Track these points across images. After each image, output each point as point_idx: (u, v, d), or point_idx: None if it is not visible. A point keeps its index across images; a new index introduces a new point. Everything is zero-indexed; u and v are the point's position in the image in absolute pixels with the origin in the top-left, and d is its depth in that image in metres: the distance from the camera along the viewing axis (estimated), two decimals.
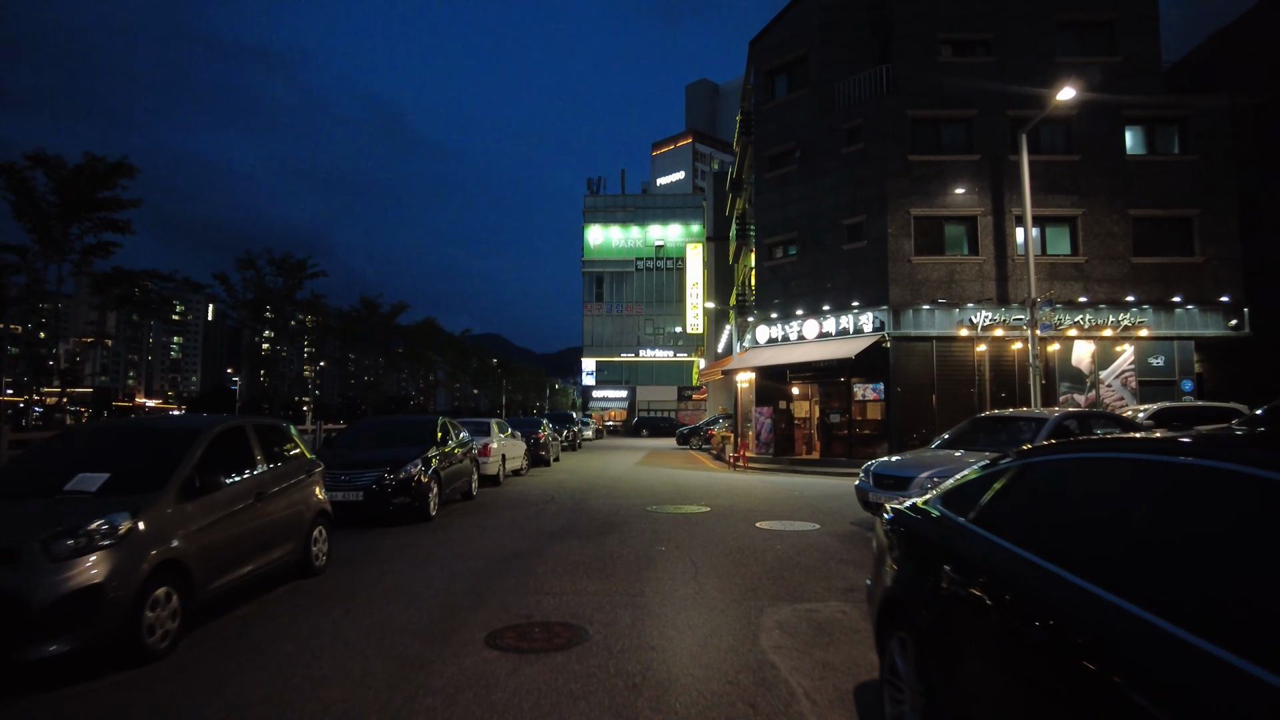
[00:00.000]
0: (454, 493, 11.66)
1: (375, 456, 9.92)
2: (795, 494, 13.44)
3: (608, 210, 68.29)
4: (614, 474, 18.38)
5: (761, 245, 23.18)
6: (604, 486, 14.96)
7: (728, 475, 18.41)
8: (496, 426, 15.84)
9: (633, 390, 66.51)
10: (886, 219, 20.06)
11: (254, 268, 19.77)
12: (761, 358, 21.85)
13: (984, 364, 19.68)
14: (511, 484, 15.54)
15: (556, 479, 16.80)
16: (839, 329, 20.72)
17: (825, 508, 11.30)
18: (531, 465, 20.20)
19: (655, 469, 20.28)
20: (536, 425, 21.03)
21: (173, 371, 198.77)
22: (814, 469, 19.56)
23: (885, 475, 8.73)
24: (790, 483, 16.09)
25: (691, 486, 15.02)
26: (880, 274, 20.05)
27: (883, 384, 19.75)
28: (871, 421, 20.41)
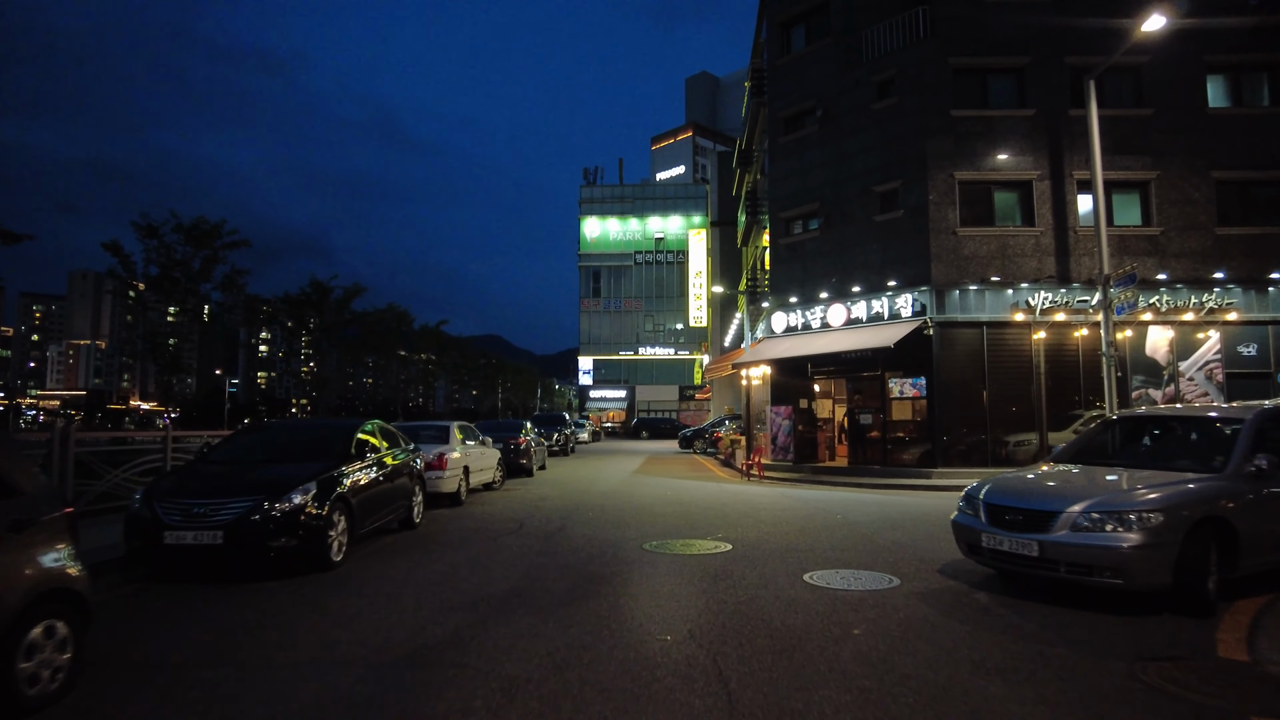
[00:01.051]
0: (386, 522, 8.66)
1: (250, 479, 6.91)
2: (835, 517, 10.41)
3: (605, 201, 65.28)
4: (606, 487, 15.36)
5: (777, 220, 20.16)
6: (591, 506, 11.94)
7: (742, 488, 15.38)
8: (458, 432, 12.84)
9: (632, 390, 63.50)
10: (926, 184, 17.05)
11: (157, 237, 16.71)
12: (778, 349, 18.83)
13: (1040, 354, 16.66)
14: (478, 503, 12.53)
15: (536, 495, 13.78)
16: (871, 314, 17.69)
17: (887, 542, 8.28)
18: (510, 476, 17.20)
19: (656, 479, 17.26)
20: (516, 429, 18.01)
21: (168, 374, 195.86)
22: (843, 480, 16.53)
23: (1009, 507, 5.71)
24: (821, 499, 13.06)
25: (701, 505, 11.99)
26: (920, 249, 17.03)
27: (924, 378, 16.73)
28: (910, 422, 17.39)
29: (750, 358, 19.13)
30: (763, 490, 14.83)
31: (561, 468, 21.30)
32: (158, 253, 16.42)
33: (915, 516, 10.44)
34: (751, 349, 20.06)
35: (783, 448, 19.05)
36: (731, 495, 13.73)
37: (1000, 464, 16.34)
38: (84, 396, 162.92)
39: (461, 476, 12.09)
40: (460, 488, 12.01)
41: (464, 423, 14.05)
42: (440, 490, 11.44)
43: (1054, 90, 17.15)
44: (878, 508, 11.64)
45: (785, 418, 19.08)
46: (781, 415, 19.20)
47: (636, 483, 16.46)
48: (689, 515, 10.65)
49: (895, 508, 11.61)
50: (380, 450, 8.68)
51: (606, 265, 64.28)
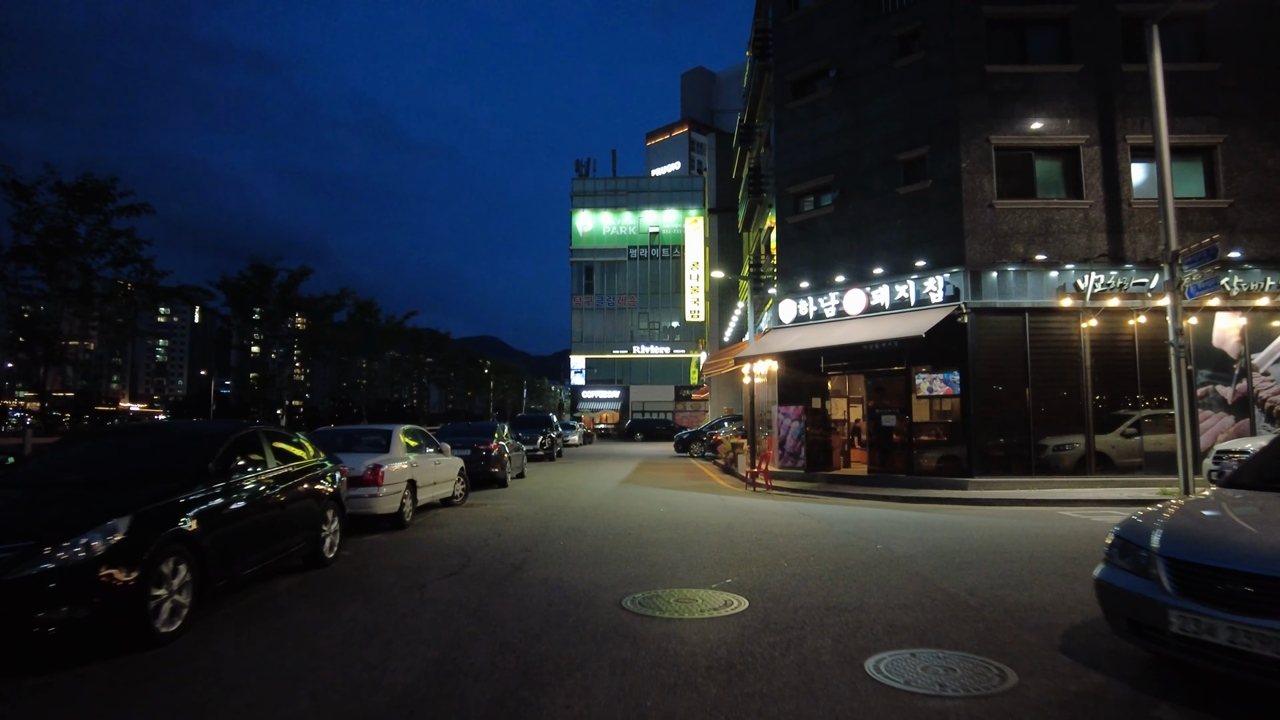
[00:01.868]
0: (279, 560, 6.37)
1: (33, 513, 4.62)
2: (875, 548, 8.13)
3: (598, 195, 62.92)
4: (588, 501, 13.06)
5: (784, 196, 17.89)
6: (565, 531, 9.64)
7: (748, 501, 13.09)
8: (405, 438, 10.52)
9: (625, 390, 61.17)
10: (959, 150, 14.82)
11: (29, 200, 14.14)
12: (787, 341, 16.56)
13: (1087, 344, 14.43)
14: (427, 524, 10.22)
15: (501, 513, 11.47)
16: (895, 300, 15.44)
17: (960, 591, 6.02)
18: (480, 487, 14.93)
19: (647, 490, 14.97)
20: (487, 433, 15.70)
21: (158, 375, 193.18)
22: (865, 492, 14.26)
23: (1227, 570, 3.41)
24: (846, 518, 10.77)
25: (701, 528, 9.70)
26: (952, 224, 14.79)
27: (957, 373, 14.48)
28: (939, 424, 15.15)
29: (755, 351, 16.86)
30: (773, 505, 12.55)
31: (542, 475, 19.00)
32: (28, 216, 13.92)
33: (976, 546, 8.17)
34: (756, 342, 17.81)
35: (791, 453, 16.78)
36: (737, 512, 11.44)
37: (1046, 472, 14.14)
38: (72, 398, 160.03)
39: (405, 493, 9.77)
40: (403, 507, 9.70)
41: (414, 427, 11.73)
42: (374, 511, 9.14)
43: (1104, 42, 14.94)
44: (921, 531, 9.37)
45: (795, 419, 16.81)
46: (790, 416, 16.92)
47: (625, 495, 14.17)
48: (687, 545, 8.35)
49: (942, 531, 9.33)
50: (268, 465, 6.37)
51: (599, 261, 61.90)
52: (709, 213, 36.40)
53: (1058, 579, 6.38)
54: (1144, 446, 14.22)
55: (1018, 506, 12.26)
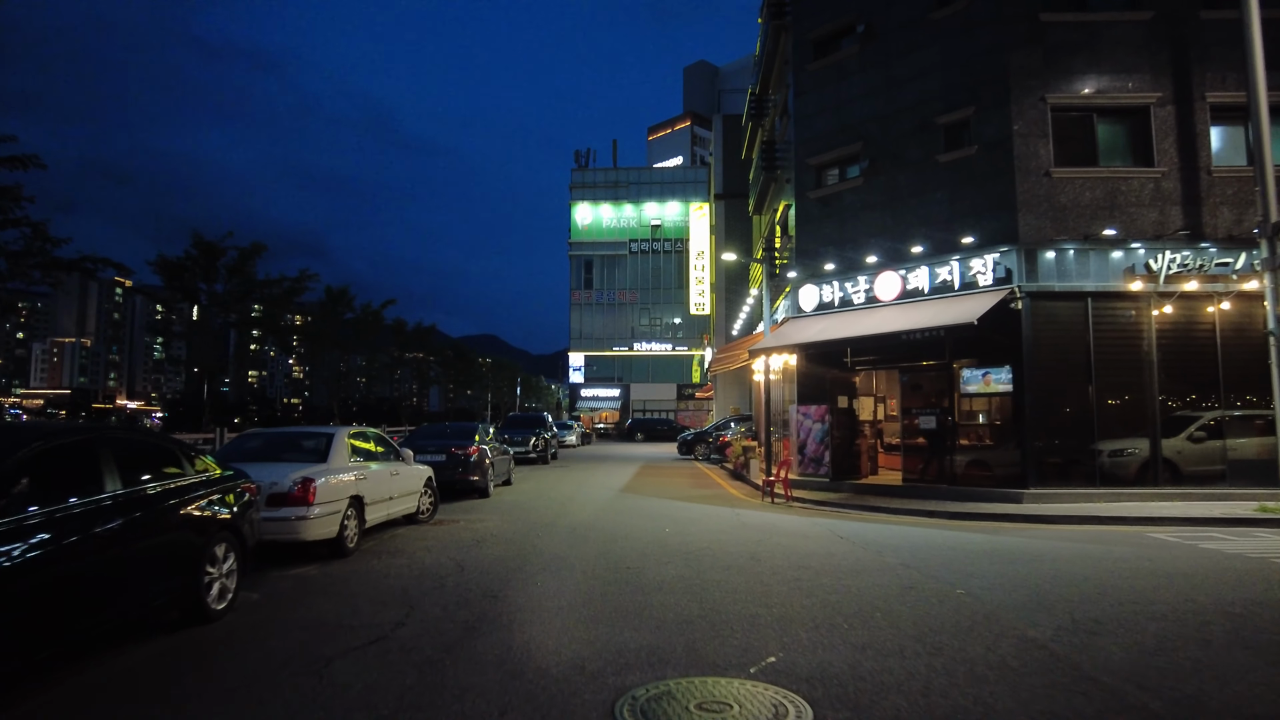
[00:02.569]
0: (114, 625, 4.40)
1: None
2: (956, 594, 6.16)
3: (598, 186, 60.84)
4: (581, 515, 11.07)
5: (804, 168, 15.89)
6: (546, 563, 7.66)
7: (769, 517, 11.10)
8: (351, 443, 8.53)
9: (626, 388, 59.15)
10: (1010, 111, 12.83)
11: None
12: (808, 331, 14.57)
13: (1152, 333, 12.45)
14: (376, 551, 8.25)
15: (473, 534, 9.49)
16: (935, 283, 13.46)
17: (1113, 674, 4.08)
18: (456, 497, 13.00)
19: (650, 502, 12.98)
20: (465, 435, 13.72)
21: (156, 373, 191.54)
22: (904, 505, 12.27)
23: None
24: (898, 543, 8.78)
25: (720, 561, 7.72)
26: (1002, 195, 12.81)
27: (1009, 367, 12.50)
28: (987, 426, 13.17)
29: (772, 343, 14.86)
30: (799, 523, 10.56)
31: (532, 481, 17.01)
32: None
33: (1087, 591, 6.18)
34: (773, 333, 15.80)
35: (813, 459, 14.79)
36: (759, 533, 9.45)
37: (1111, 482, 12.18)
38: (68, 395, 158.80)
39: (347, 512, 7.78)
40: (344, 530, 7.71)
41: (365, 429, 9.73)
42: (302, 537, 7.16)
43: None
44: (997, 563, 7.38)
45: (817, 420, 14.82)
46: (811, 417, 14.93)
47: (624, 508, 12.18)
48: (704, 589, 6.36)
49: (1025, 564, 7.35)
50: (105, 485, 4.39)
51: (599, 254, 59.81)
52: (715, 199, 34.24)
53: (1254, 658, 4.39)
54: (1227, 453, 12.23)
55: (1091, 525, 10.28)
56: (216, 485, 5.57)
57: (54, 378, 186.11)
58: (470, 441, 13.28)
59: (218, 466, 5.93)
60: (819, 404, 14.86)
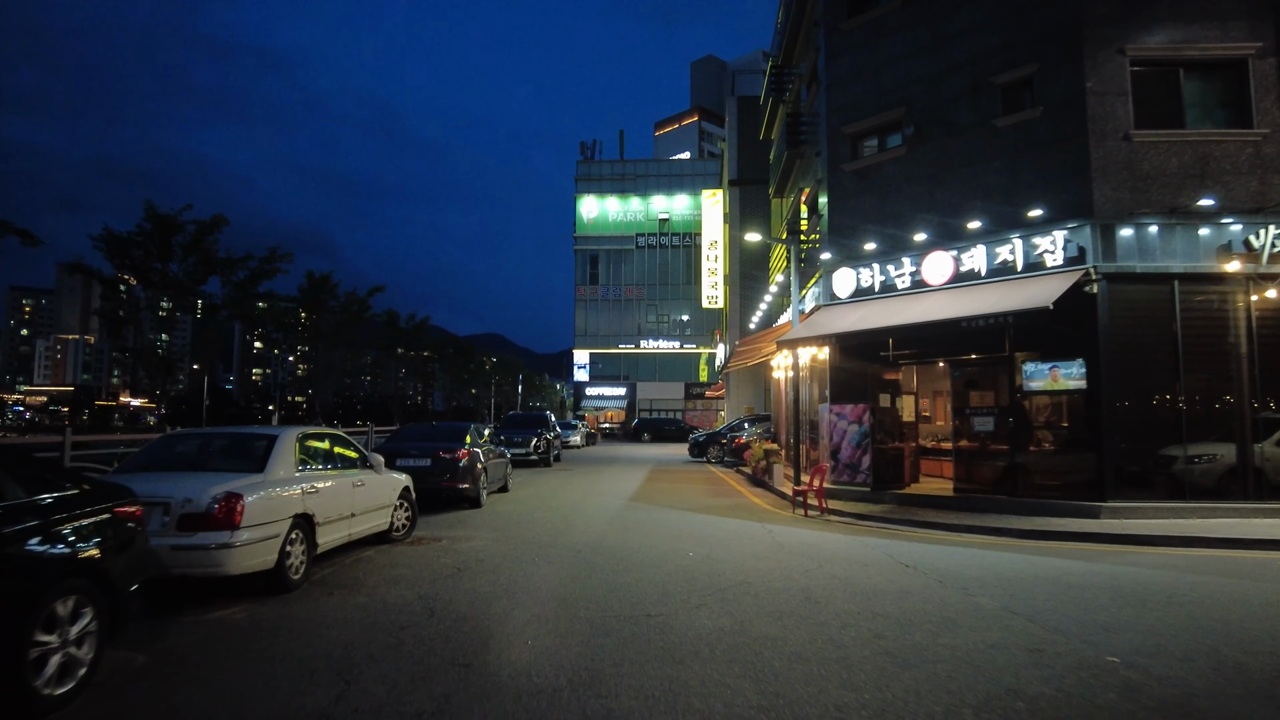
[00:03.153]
0: None
1: None
2: (1108, 662, 4.49)
3: (604, 179, 59.04)
4: (585, 533, 9.37)
5: (839, 138, 14.16)
6: (539, 607, 5.98)
7: (809, 536, 9.38)
8: (300, 446, 6.84)
9: (632, 387, 57.42)
10: (1081, 65, 11.10)
11: None
12: (844, 321, 12.84)
13: (1245, 322, 10.71)
14: (329, 582, 6.59)
15: (454, 558, 7.81)
16: (994, 265, 11.74)
17: None
18: (442, 508, 11.33)
19: (665, 514, 11.27)
20: (454, 437, 12.03)
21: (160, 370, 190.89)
22: (963, 520, 10.56)
23: None
24: (983, 575, 7.07)
25: (766, 606, 6.04)
26: (1073, 163, 11.08)
27: (1082, 360, 10.77)
28: (1055, 429, 11.44)
29: (803, 333, 13.13)
30: (848, 545, 8.85)
31: (532, 488, 15.35)
32: None
33: None
34: (802, 322, 14.07)
35: (848, 465, 13.07)
36: (806, 560, 7.75)
37: (1204, 495, 10.47)
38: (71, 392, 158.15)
39: (289, 536, 6.12)
40: (285, 560, 6.05)
41: (326, 430, 8.04)
42: (223, 570, 5.50)
43: None
44: (1140, 612, 5.67)
45: (853, 421, 13.10)
46: (847, 418, 13.22)
47: (636, 522, 10.49)
48: (756, 656, 4.67)
49: (1171, 609, 5.64)
50: None
51: (605, 249, 58.03)
52: (730, 185, 32.47)
53: None
54: None
55: (1198, 550, 8.56)
56: (64, 512, 3.91)
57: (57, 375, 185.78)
58: (459, 444, 11.60)
59: (87, 483, 4.27)
60: (855, 403, 13.14)
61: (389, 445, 11.83)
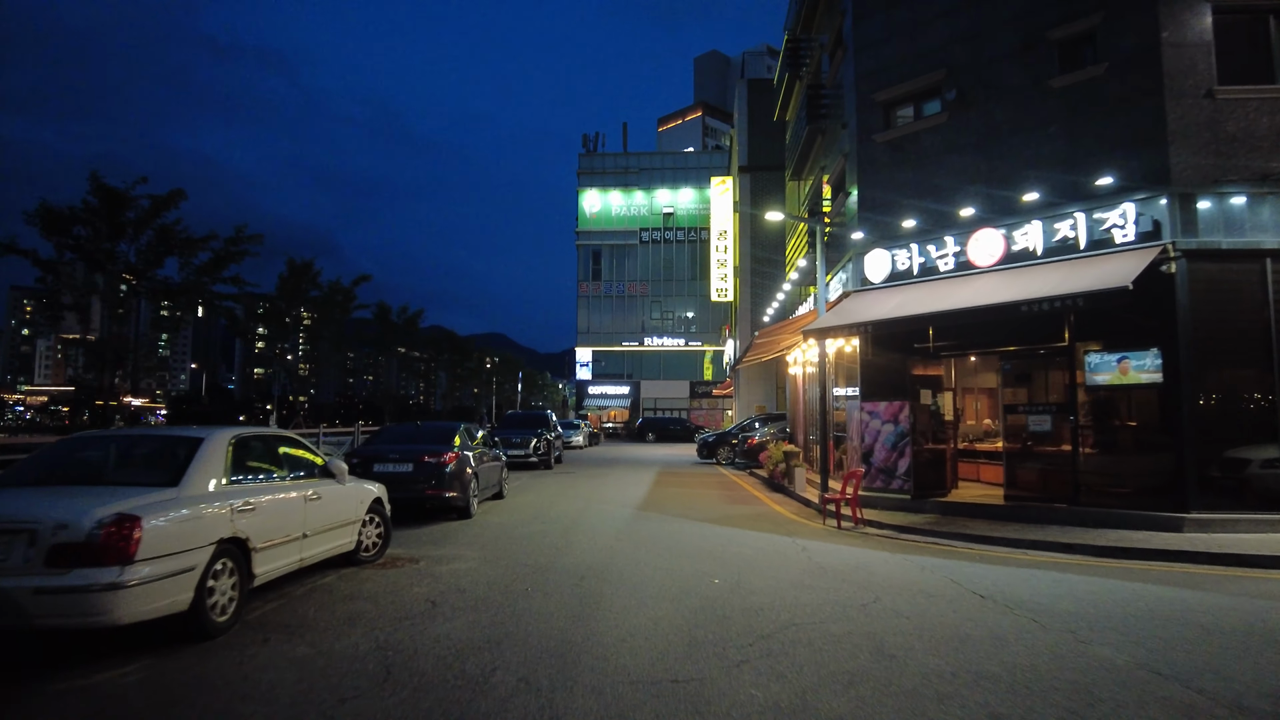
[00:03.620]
0: None
1: None
2: None
3: (606, 172, 57.61)
4: (589, 549, 8.01)
5: (869, 106, 12.78)
6: (532, 661, 4.61)
7: (850, 554, 8.00)
8: (229, 452, 5.48)
9: (636, 386, 56.03)
10: (1155, 14, 9.70)
11: None
12: (878, 307, 11.45)
13: None
14: (267, 623, 5.25)
15: (430, 587, 6.46)
16: (1052, 243, 10.34)
17: None
18: (425, 520, 10.00)
19: (680, 526, 9.90)
20: (441, 439, 10.67)
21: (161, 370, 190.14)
22: (1023, 535, 9.18)
23: None
24: (1080, 606, 5.69)
25: (829, 667, 4.67)
26: (1146, 125, 9.69)
27: (1157, 350, 9.39)
28: (1123, 428, 10.05)
29: (831, 322, 11.74)
30: (901, 567, 7.48)
31: (530, 494, 14.00)
32: None
33: None
34: (830, 311, 12.67)
35: (882, 469, 11.70)
36: (858, 590, 6.38)
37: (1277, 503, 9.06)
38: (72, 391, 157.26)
39: (211, 568, 4.78)
40: (207, 598, 4.72)
41: (269, 431, 6.65)
42: (114, 619, 4.18)
43: None
44: None
45: (888, 420, 11.73)
46: (881, 417, 11.84)
47: (647, 537, 9.14)
48: None
49: None
50: None
51: (607, 244, 56.58)
52: (740, 172, 31.06)
53: None
54: None
55: None
56: None
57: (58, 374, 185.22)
58: (446, 446, 10.24)
59: None
60: (890, 399, 11.77)
61: (366, 448, 10.48)
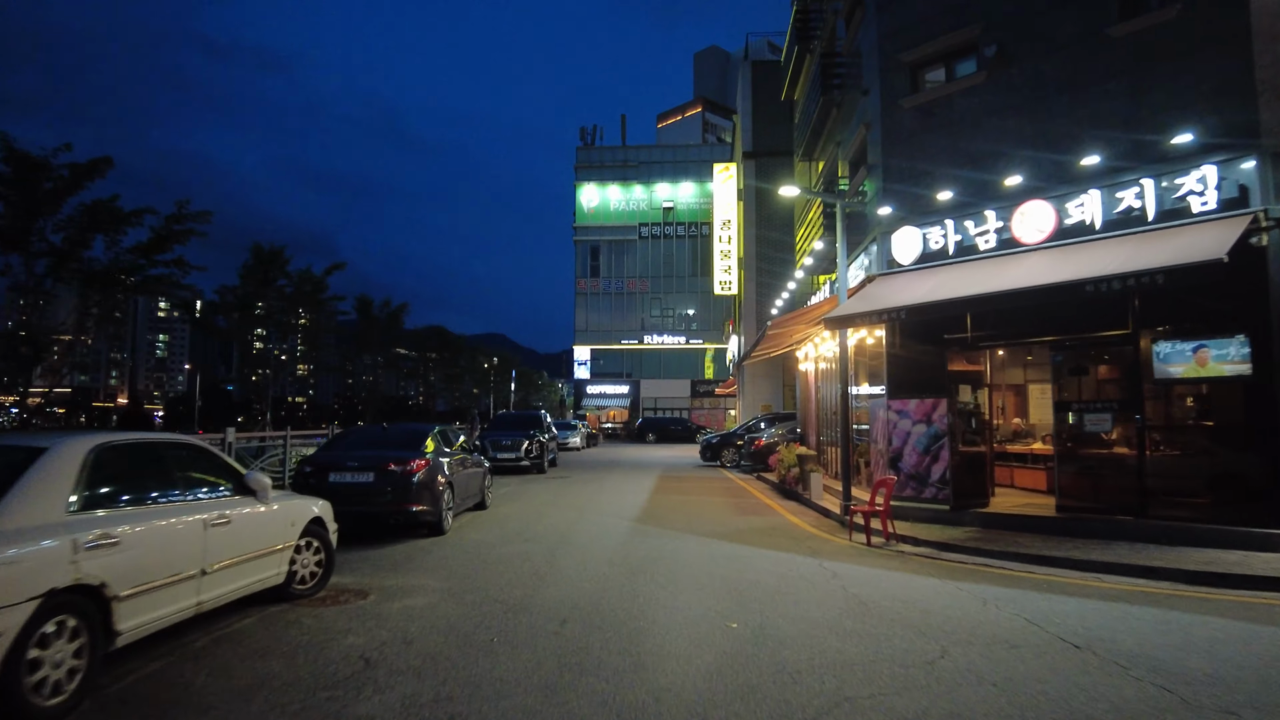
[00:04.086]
0: None
1: None
2: None
3: (605, 166, 56.16)
4: (576, 580, 6.62)
5: (895, 68, 11.39)
6: None
7: (892, 581, 6.60)
8: (82, 469, 4.07)
9: (635, 385, 54.64)
10: None
11: None
12: (910, 291, 10.05)
13: None
14: (127, 696, 3.85)
15: (370, 635, 5.07)
16: (1114, 214, 8.95)
17: None
18: (389, 538, 8.64)
19: (685, 544, 8.51)
20: (410, 444, 9.28)
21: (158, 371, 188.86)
22: (1090, 554, 7.78)
23: None
24: (1223, 667, 4.29)
25: None
26: (1229, 74, 8.31)
27: (1243, 337, 8.02)
28: (1201, 427, 8.68)
29: (857, 308, 10.33)
30: (962, 600, 6.10)
31: (518, 502, 12.63)
32: None
33: None
34: (853, 297, 11.28)
35: (914, 475, 10.31)
36: (921, 640, 5.00)
37: None
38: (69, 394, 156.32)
39: (33, 636, 3.40)
40: (42, 673, 3.34)
41: (143, 439, 5.14)
42: None
43: None
44: None
45: (920, 420, 10.35)
46: (911, 416, 10.47)
47: (645, 560, 7.76)
48: None
49: None
50: None
51: (606, 240, 55.11)
52: (745, 158, 29.64)
53: None
54: None
55: None
56: None
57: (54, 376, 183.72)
58: (415, 453, 8.86)
59: None
60: (921, 396, 10.39)
61: (322, 455, 9.10)
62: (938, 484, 10.12)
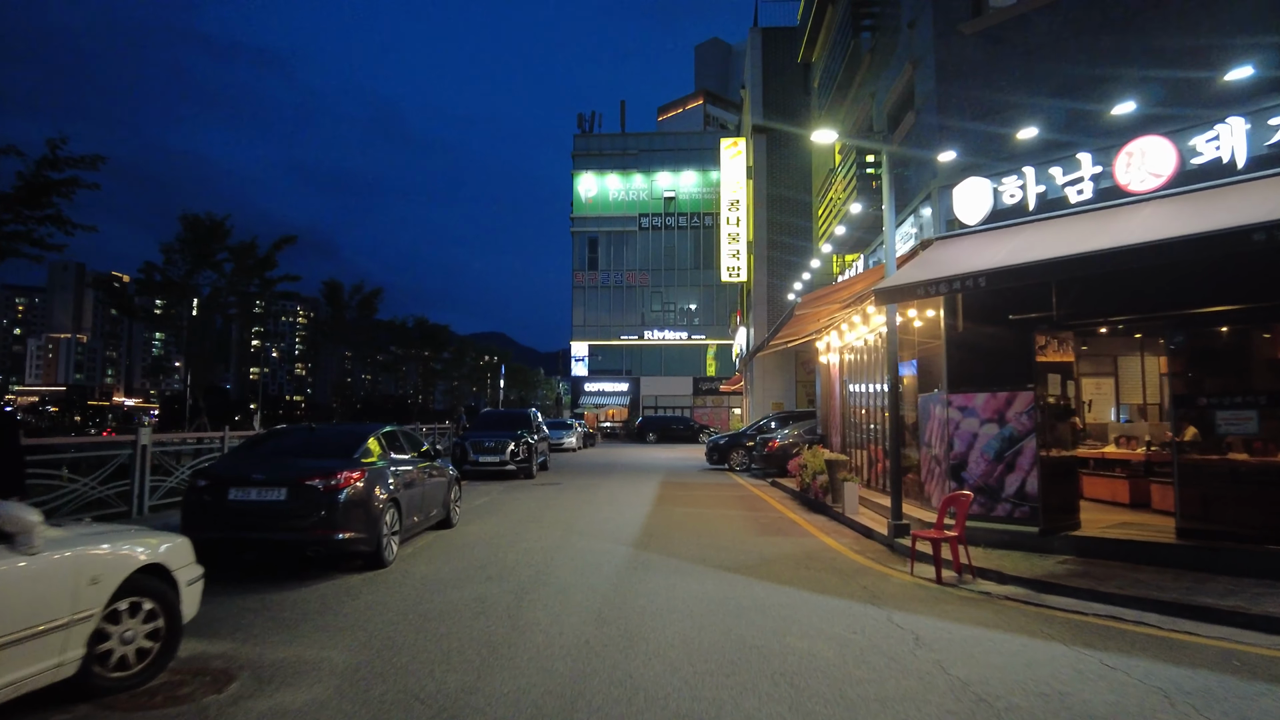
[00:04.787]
0: None
1: None
2: None
3: (604, 154, 54.01)
4: (546, 654, 4.53)
5: None
6: None
7: (1003, 650, 4.47)
8: None
9: (635, 382, 52.52)
10: None
11: None
12: (980, 256, 7.92)
13: None
14: None
15: None
16: (1264, 146, 6.83)
17: None
18: (314, 574, 6.55)
19: (699, 582, 6.42)
20: (341, 450, 7.18)
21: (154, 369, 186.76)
22: (1265, 612, 5.69)
23: None
24: None
25: None
26: None
27: None
28: None
29: (916, 276, 8.16)
30: (1109, 681, 4.01)
31: (493, 519, 10.55)
32: None
33: None
34: (907, 266, 9.13)
35: (983, 488, 8.21)
36: None
37: None
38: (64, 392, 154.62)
39: None
40: None
41: None
42: None
43: None
44: None
45: (991, 419, 8.26)
46: (978, 414, 8.38)
47: (646, 613, 5.68)
48: None
49: None
50: None
51: (604, 231, 53.00)
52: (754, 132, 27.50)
53: None
54: None
55: None
56: None
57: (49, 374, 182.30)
58: (343, 462, 6.77)
59: None
60: (992, 390, 8.30)
61: (220, 466, 7.01)
62: (1014, 499, 8.03)
